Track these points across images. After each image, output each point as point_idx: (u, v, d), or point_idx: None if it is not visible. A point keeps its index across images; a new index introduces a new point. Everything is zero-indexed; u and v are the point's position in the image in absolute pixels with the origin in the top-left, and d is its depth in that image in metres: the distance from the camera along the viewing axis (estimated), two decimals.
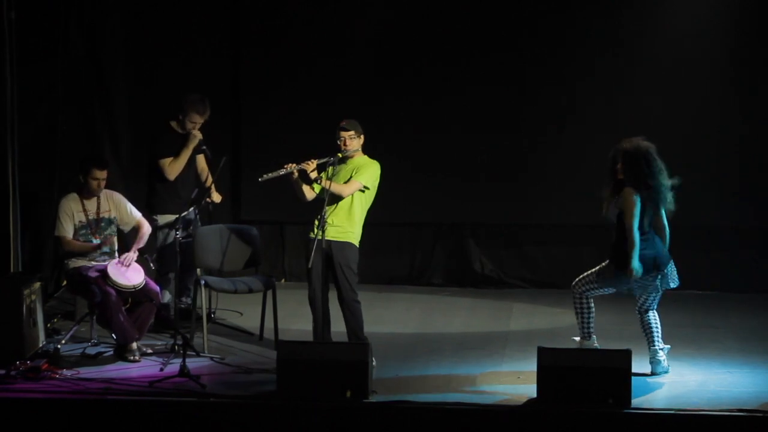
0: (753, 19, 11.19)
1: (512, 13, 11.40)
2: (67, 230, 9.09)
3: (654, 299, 8.70)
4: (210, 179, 10.03)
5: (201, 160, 10.08)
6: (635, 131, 10.86)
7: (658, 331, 8.65)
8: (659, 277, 8.58)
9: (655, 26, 11.26)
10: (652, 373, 8.51)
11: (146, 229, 9.33)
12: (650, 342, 8.63)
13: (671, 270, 8.67)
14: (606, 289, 8.75)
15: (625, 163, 8.58)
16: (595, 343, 8.76)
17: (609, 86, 11.31)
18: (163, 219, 9.83)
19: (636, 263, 8.46)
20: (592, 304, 8.78)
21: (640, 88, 11.21)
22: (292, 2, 11.62)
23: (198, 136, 9.82)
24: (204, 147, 9.87)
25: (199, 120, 9.83)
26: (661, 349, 8.60)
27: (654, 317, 8.70)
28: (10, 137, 9.97)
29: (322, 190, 8.72)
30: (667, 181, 8.61)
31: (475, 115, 11.47)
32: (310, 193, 8.85)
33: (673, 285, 8.70)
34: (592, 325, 8.77)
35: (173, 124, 9.89)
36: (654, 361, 8.57)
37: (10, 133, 9.97)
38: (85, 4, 11.26)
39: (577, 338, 8.82)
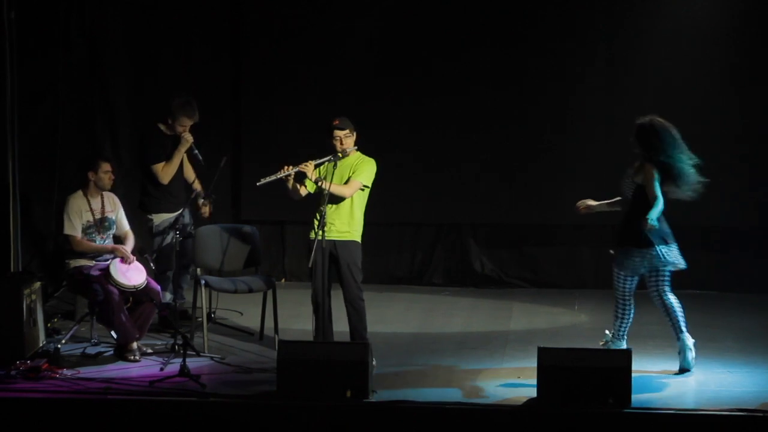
0: (753, 19, 11.19)
1: (512, 14, 11.41)
2: (77, 228, 9.08)
3: (664, 278, 8.63)
4: (198, 184, 10.02)
5: (187, 162, 10.07)
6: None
7: (682, 315, 8.57)
8: (661, 248, 8.53)
9: (656, 26, 11.26)
10: (682, 370, 8.47)
11: (132, 241, 9.30)
12: (676, 329, 8.56)
13: (676, 249, 8.63)
14: (629, 277, 8.67)
15: (637, 137, 8.61)
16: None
17: (609, 86, 11.32)
18: (159, 218, 9.84)
19: (654, 217, 8.36)
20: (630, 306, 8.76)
21: (640, 89, 11.21)
22: (292, 2, 11.63)
23: (189, 139, 9.80)
24: (196, 151, 9.86)
25: (188, 123, 9.82)
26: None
27: (673, 299, 8.63)
28: (10, 137, 9.97)
29: (319, 187, 8.72)
30: (688, 163, 8.60)
31: (475, 115, 11.48)
32: (302, 191, 8.84)
33: (681, 265, 8.63)
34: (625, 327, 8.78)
35: (162, 126, 9.87)
36: (683, 351, 8.51)
37: (10, 133, 9.97)
38: (85, 4, 11.26)
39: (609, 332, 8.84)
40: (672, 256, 8.61)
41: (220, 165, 9.76)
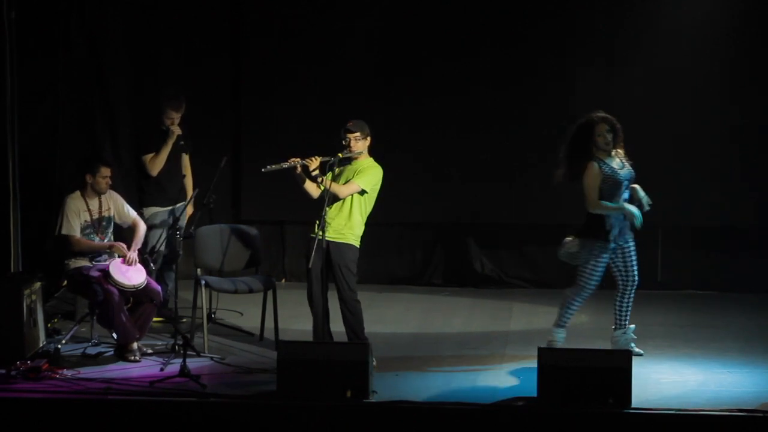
0: (753, 19, 11.20)
1: (512, 14, 11.41)
2: (75, 229, 9.08)
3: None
4: (190, 182, 10.09)
5: (186, 158, 10.13)
6: (635, 131, 10.87)
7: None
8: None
9: (656, 27, 11.27)
10: None
11: (143, 228, 9.34)
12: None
13: None
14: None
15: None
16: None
17: (609, 86, 11.31)
18: (148, 212, 9.90)
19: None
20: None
21: (640, 89, 11.21)
22: (292, 2, 11.63)
23: (176, 131, 9.88)
24: (182, 142, 9.92)
25: (175, 116, 9.89)
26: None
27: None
28: (10, 137, 9.97)
29: (324, 189, 8.72)
30: None
31: (475, 115, 11.48)
32: (315, 190, 8.81)
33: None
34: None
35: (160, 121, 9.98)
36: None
37: (10, 133, 9.97)
38: (85, 4, 11.26)
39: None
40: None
41: (220, 165, 9.77)
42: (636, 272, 8.86)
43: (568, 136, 8.85)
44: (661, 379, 8.39)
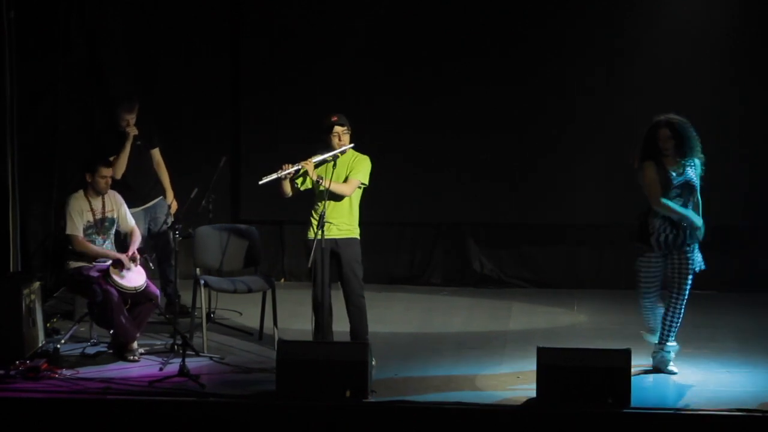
0: (753, 19, 11.19)
1: (513, 14, 11.40)
2: (78, 229, 9.08)
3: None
4: (166, 178, 10.14)
5: (156, 154, 10.13)
6: (636, 132, 10.87)
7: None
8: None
9: (656, 27, 11.25)
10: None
11: (138, 235, 9.33)
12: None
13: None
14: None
15: None
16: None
17: (609, 86, 11.32)
18: None
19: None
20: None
21: (640, 88, 11.20)
22: (292, 2, 11.63)
23: (132, 132, 9.90)
24: (139, 142, 9.94)
25: (128, 117, 9.91)
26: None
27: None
28: (9, 137, 9.97)
29: (318, 185, 8.70)
30: None
31: (475, 115, 11.47)
32: (289, 189, 8.81)
33: None
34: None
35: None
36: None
37: (9, 133, 9.97)
38: (85, 4, 11.26)
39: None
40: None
41: (220, 165, 9.77)
42: (685, 286, 8.57)
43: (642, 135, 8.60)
44: (661, 379, 8.39)
